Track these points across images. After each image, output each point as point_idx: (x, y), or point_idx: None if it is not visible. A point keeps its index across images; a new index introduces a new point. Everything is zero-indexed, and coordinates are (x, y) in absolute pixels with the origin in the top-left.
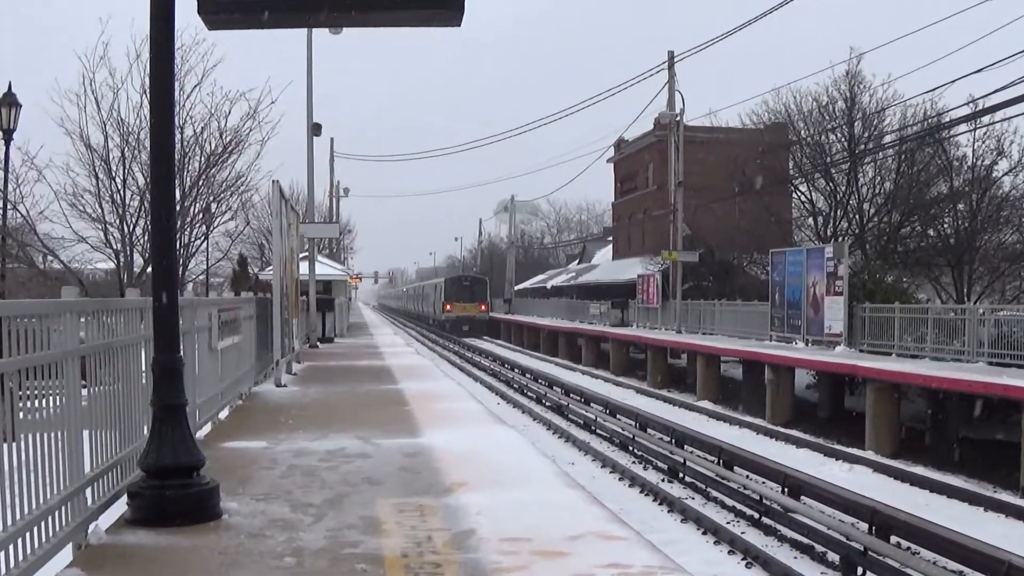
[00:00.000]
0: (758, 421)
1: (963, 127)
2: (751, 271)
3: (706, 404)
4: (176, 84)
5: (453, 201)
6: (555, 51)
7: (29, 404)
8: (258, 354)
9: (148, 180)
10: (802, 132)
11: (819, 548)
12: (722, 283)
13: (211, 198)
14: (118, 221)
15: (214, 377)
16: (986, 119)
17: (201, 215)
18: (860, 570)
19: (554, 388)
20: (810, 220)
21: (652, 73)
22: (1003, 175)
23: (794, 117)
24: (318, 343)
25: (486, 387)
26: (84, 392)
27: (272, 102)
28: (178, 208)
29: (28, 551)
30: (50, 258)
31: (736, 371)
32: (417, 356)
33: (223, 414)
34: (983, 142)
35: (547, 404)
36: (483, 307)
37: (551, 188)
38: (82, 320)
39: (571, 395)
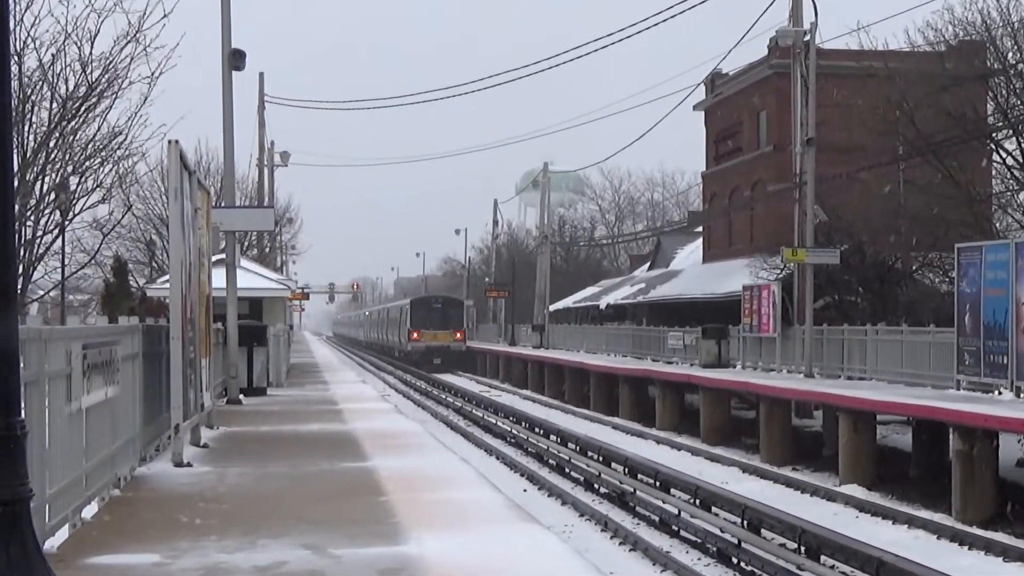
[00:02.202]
0: (939, 517)
1: None
2: (924, 278)
3: (854, 490)
4: None
5: (454, 175)
6: None
7: None
8: (146, 415)
9: None
10: (1009, 55)
11: None
12: (877, 298)
13: (69, 168)
14: None
15: (75, 452)
16: None
17: (53, 195)
18: None
19: (613, 466)
20: (1022, 196)
21: None
22: None
23: (996, 31)
24: (241, 397)
25: (506, 464)
26: None
27: (165, 15)
28: (15, 183)
29: None
30: None
31: (902, 438)
32: (398, 416)
33: (90, 510)
34: None
35: (602, 491)
36: (458, 335)
37: (605, 151)
38: None
39: (640, 476)
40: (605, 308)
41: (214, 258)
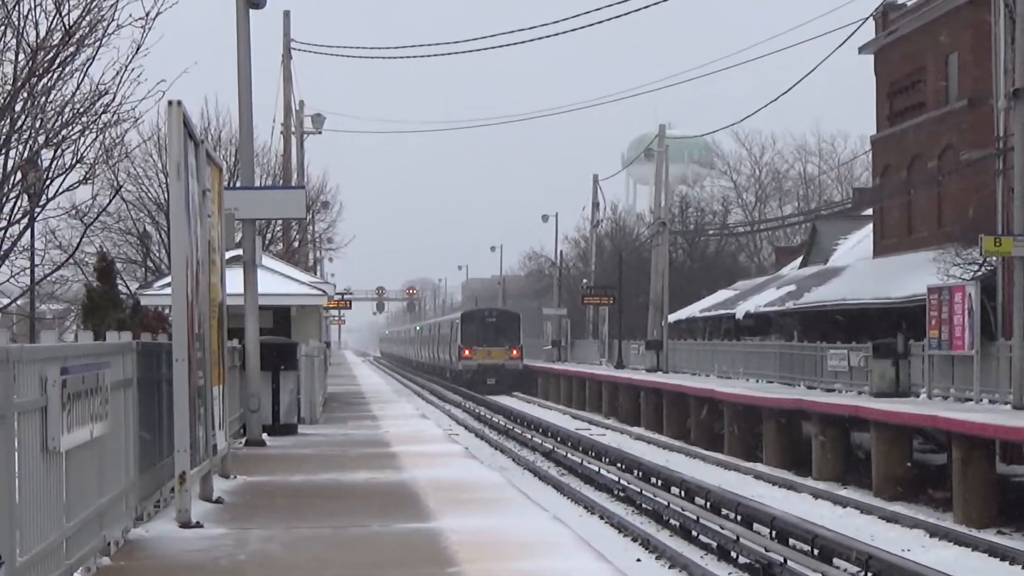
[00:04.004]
0: None
1: None
2: None
3: None
4: None
5: (540, 145)
6: None
7: None
8: (143, 461)
9: None
10: None
11: None
12: None
13: (40, 139)
14: None
15: (53, 509)
16: None
17: (20, 175)
18: None
19: (755, 527)
20: None
21: None
22: None
23: None
24: (265, 437)
25: (614, 526)
26: None
27: None
28: None
29: None
30: None
31: None
32: (469, 462)
33: None
34: None
35: (741, 561)
36: (515, 352)
37: (741, 109)
38: None
39: (791, 542)
40: (743, 318)
41: (228, 255)
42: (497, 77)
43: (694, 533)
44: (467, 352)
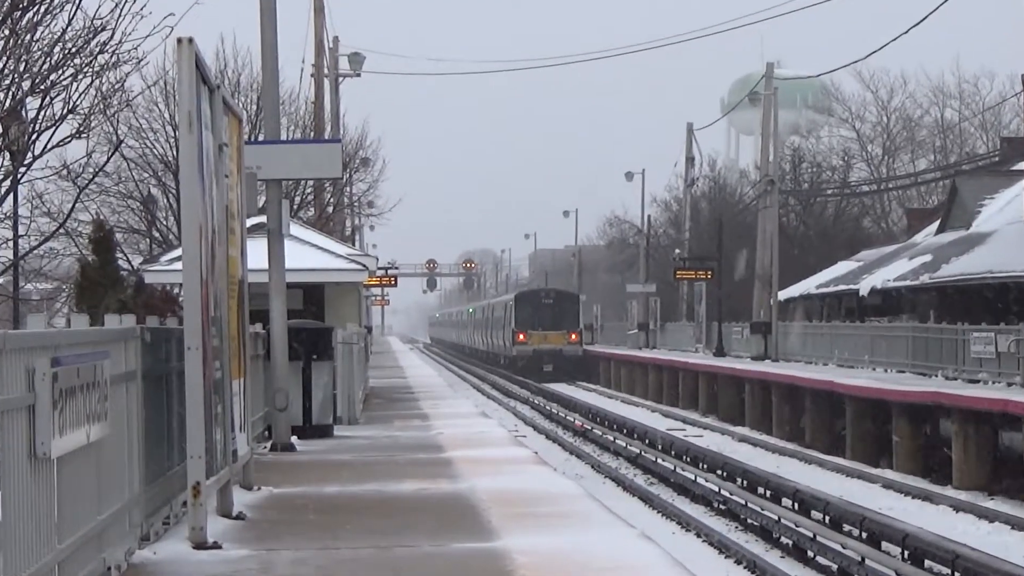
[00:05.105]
0: None
1: None
2: None
3: None
4: None
5: (624, 86)
6: None
7: None
8: (149, 470)
9: None
10: None
11: None
12: None
13: (25, 85)
14: None
15: (43, 526)
16: None
17: (1, 129)
18: None
19: (884, 546)
20: None
21: None
22: None
23: None
24: (294, 440)
25: (713, 545)
26: None
27: None
28: None
29: None
30: None
31: None
32: (540, 469)
33: None
34: None
35: None
36: (573, 336)
37: (864, 44)
38: None
39: (927, 563)
40: (868, 295)
41: (250, 223)
42: (572, 8)
43: (810, 554)
44: (522, 336)
